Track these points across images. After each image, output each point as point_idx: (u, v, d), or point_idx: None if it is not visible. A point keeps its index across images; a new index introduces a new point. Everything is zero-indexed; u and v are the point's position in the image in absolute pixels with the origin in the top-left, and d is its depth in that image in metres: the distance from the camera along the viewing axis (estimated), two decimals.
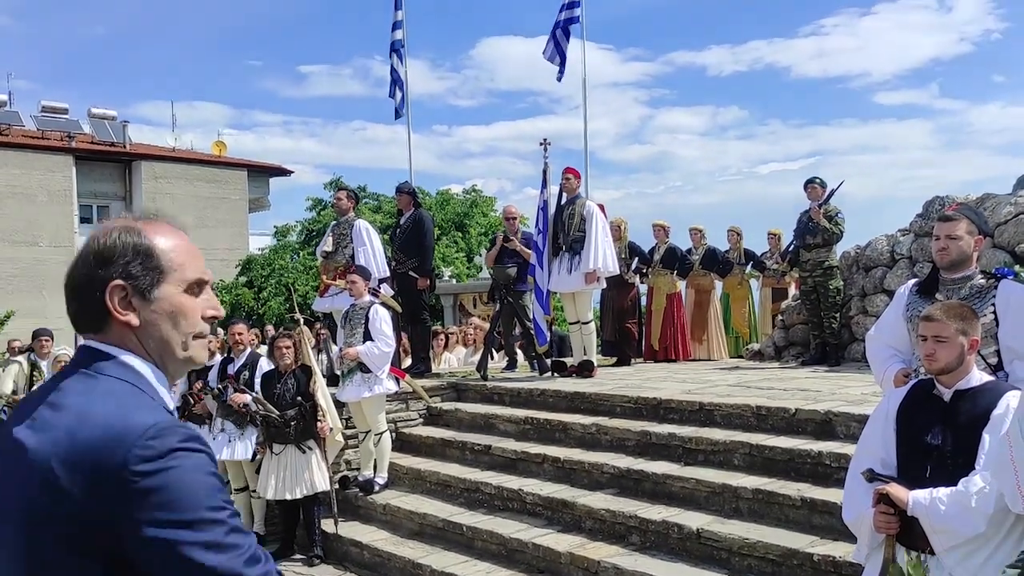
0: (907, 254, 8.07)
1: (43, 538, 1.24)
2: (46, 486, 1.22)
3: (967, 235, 3.40)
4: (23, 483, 1.25)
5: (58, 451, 1.23)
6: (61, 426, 1.26)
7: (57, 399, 1.31)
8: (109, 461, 1.21)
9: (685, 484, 5.33)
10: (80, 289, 1.36)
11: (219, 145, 32.00)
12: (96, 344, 1.36)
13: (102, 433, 1.23)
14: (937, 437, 2.85)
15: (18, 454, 1.27)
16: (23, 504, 1.25)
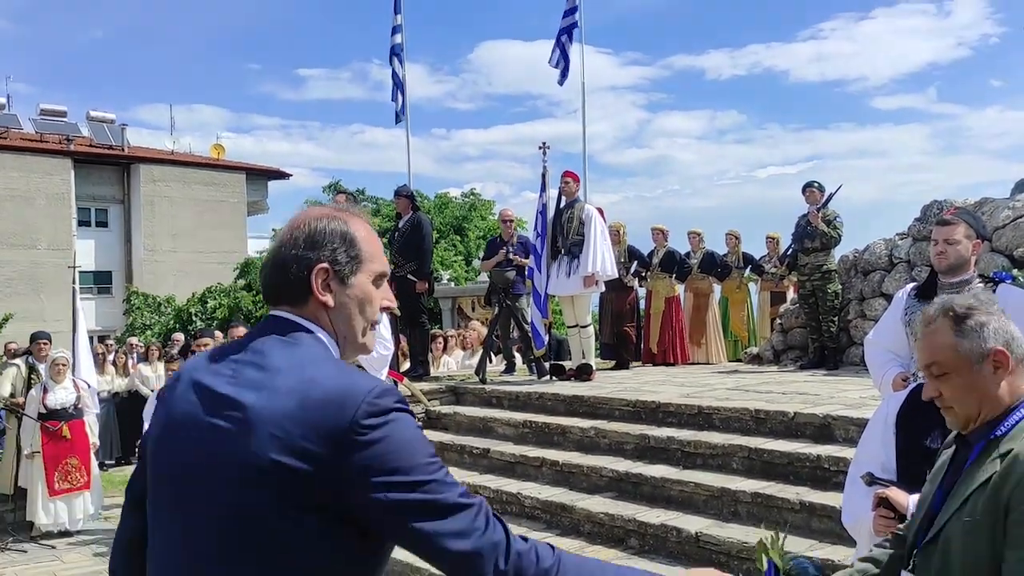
0: (905, 258, 8.09)
1: (260, 493, 1.29)
2: (273, 441, 1.29)
3: (965, 239, 3.40)
4: (238, 438, 1.32)
5: (286, 409, 1.31)
6: (282, 387, 1.34)
7: (263, 361, 1.39)
8: (340, 417, 1.30)
9: (684, 487, 5.33)
10: (287, 266, 1.46)
11: (217, 148, 32.02)
12: (292, 316, 1.46)
13: (332, 393, 1.32)
14: (937, 441, 2.84)
15: (232, 410, 1.34)
16: (238, 458, 1.31)
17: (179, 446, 1.41)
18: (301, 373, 1.36)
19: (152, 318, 24.46)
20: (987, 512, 1.69)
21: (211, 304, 22.70)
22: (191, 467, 1.37)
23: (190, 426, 1.40)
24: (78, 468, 7.89)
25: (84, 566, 6.80)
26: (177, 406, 1.44)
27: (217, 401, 1.38)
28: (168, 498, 1.42)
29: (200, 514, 1.35)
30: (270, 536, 1.31)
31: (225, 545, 1.33)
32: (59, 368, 7.92)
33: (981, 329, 1.79)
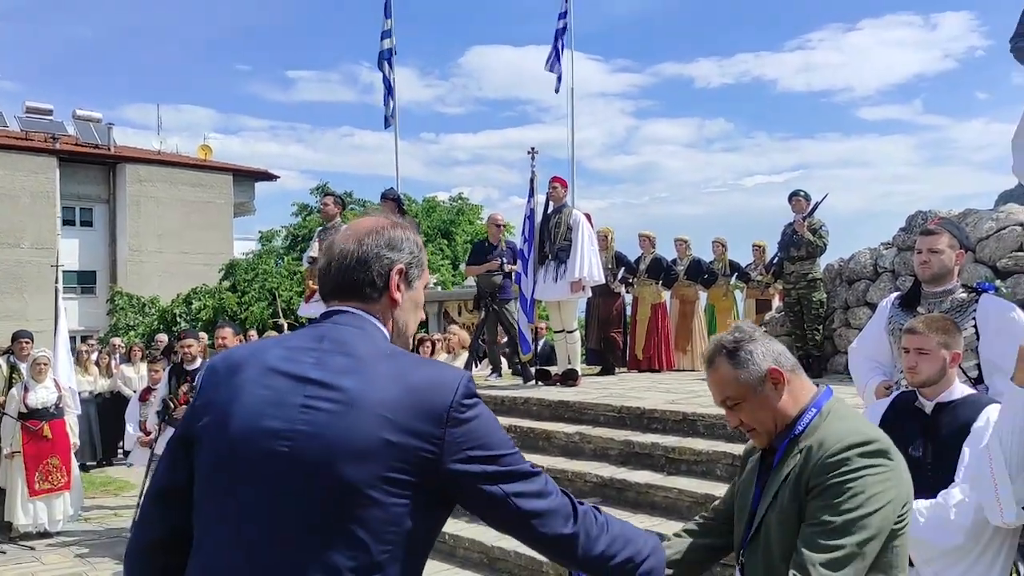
0: (890, 267, 8.14)
1: (366, 468, 1.42)
2: (382, 421, 1.44)
3: (949, 249, 3.44)
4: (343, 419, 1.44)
5: (391, 393, 1.47)
6: (380, 373, 1.49)
7: (348, 350, 1.53)
8: (442, 399, 1.49)
9: (668, 494, 5.34)
10: (369, 263, 1.62)
11: (205, 149, 31.89)
12: (363, 313, 1.61)
13: (432, 379, 1.51)
14: (918, 449, 2.87)
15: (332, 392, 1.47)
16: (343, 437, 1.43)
17: (261, 427, 1.47)
18: (391, 362, 1.53)
19: (136, 319, 24.32)
20: (792, 500, 1.91)
21: (196, 305, 22.60)
22: (278, 446, 1.45)
23: (280, 410, 1.48)
24: (59, 468, 7.82)
25: (64, 567, 6.73)
26: (257, 393, 1.50)
27: (310, 385, 1.49)
28: (243, 478, 1.46)
29: (290, 490, 1.43)
30: (368, 508, 1.42)
31: (321, 517, 1.42)
32: (40, 367, 7.85)
33: (751, 356, 1.98)
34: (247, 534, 1.45)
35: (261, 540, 1.45)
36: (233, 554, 1.46)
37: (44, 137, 27.78)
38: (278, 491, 1.45)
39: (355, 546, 1.43)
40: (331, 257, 1.65)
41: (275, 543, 1.44)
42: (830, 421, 1.97)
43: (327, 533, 1.43)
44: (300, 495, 1.44)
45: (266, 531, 1.44)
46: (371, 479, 1.42)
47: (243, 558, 1.45)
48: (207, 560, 1.49)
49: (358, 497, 1.42)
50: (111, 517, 8.58)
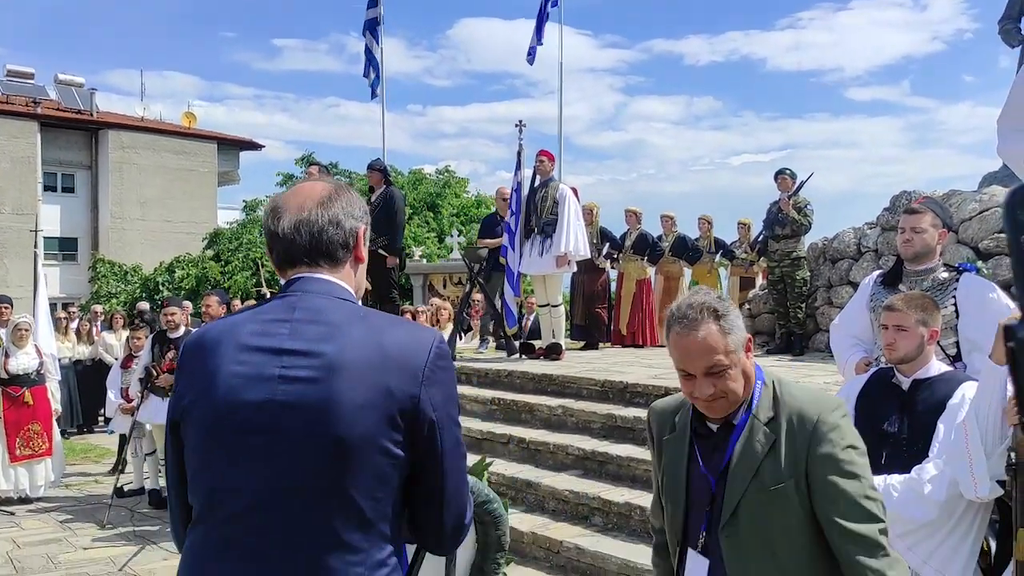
0: (873, 247, 8.19)
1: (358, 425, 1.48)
2: (363, 381, 1.50)
3: (931, 228, 3.46)
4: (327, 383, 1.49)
5: (368, 355, 1.52)
6: (355, 337, 1.54)
7: (320, 318, 1.56)
8: (418, 357, 1.55)
9: (649, 467, 5.38)
10: (340, 221, 1.65)
11: (189, 116, 31.54)
12: (327, 276, 1.63)
13: (407, 339, 1.57)
14: (894, 424, 2.91)
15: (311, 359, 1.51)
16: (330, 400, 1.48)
17: (250, 402, 1.51)
18: (363, 324, 1.57)
19: (118, 286, 24.15)
20: (786, 474, 1.83)
21: (179, 274, 22.47)
22: (271, 419, 1.50)
23: (257, 384, 1.52)
24: (40, 434, 7.80)
25: (44, 532, 6.74)
26: (232, 369, 1.54)
27: (285, 354, 1.53)
28: (248, 452, 1.51)
29: (279, 458, 1.49)
30: (357, 467, 1.48)
31: (313, 480, 1.48)
32: (21, 333, 7.80)
33: (736, 320, 1.89)
34: (243, 504, 1.51)
35: (258, 507, 1.50)
36: (233, 526, 1.52)
37: (25, 101, 27.37)
38: (268, 461, 1.49)
39: (348, 506, 1.49)
40: (296, 221, 1.63)
41: (271, 508, 1.50)
42: (786, 390, 1.92)
43: (320, 495, 1.49)
44: (289, 462, 1.49)
45: (261, 499, 1.50)
46: (357, 439, 1.48)
47: (242, 530, 1.51)
48: (207, 531, 1.55)
49: (347, 457, 1.48)
50: (92, 484, 8.58)
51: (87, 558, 6.02)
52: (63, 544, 6.39)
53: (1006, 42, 8.37)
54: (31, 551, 6.21)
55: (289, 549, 1.49)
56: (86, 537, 6.55)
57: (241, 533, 1.51)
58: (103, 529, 6.74)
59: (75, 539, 6.51)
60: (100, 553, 6.12)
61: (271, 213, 1.67)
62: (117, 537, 6.54)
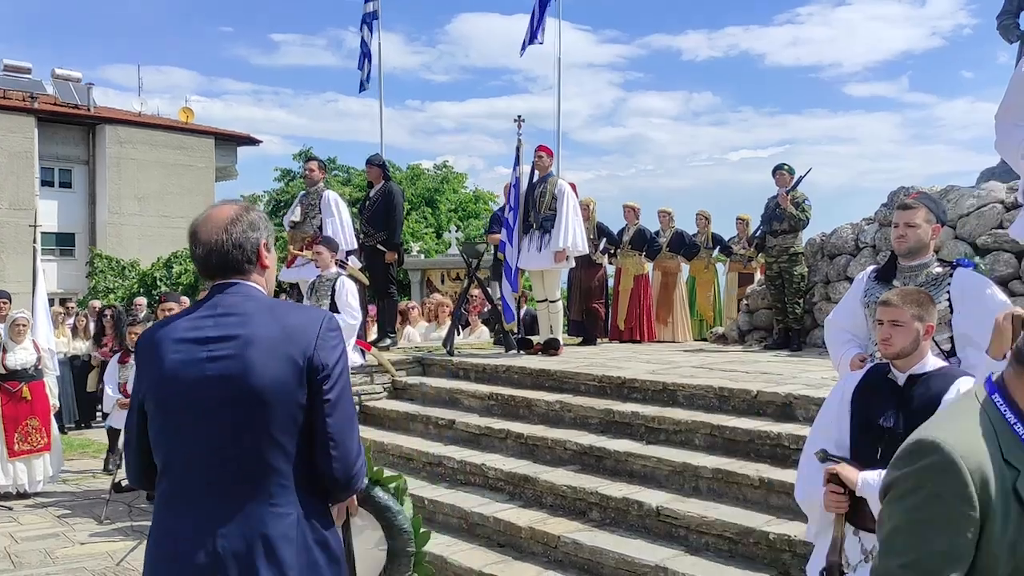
0: (871, 243, 8.20)
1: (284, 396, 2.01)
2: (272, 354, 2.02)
3: (925, 223, 3.47)
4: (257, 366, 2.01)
5: (272, 333, 2.05)
6: (261, 322, 2.06)
7: (235, 311, 2.08)
8: (311, 330, 2.08)
9: (646, 462, 5.40)
10: (242, 243, 2.13)
11: (186, 112, 31.46)
12: (240, 280, 2.14)
13: (302, 319, 2.11)
14: (890, 420, 2.92)
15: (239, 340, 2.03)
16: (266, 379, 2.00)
17: (186, 380, 2.03)
18: (269, 312, 2.10)
19: (115, 282, 24.12)
20: None
21: (176, 269, 22.43)
22: (205, 390, 2.01)
23: (190, 366, 2.03)
24: (38, 429, 7.80)
25: (42, 527, 6.75)
26: (171, 358, 2.05)
27: (209, 341, 2.04)
28: (197, 422, 2.03)
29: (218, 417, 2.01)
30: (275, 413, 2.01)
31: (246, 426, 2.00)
32: (19, 328, 7.80)
33: None
34: (199, 455, 2.03)
35: (211, 456, 2.02)
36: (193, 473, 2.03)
37: (22, 96, 27.29)
38: (205, 426, 2.02)
39: (272, 441, 2.02)
40: (208, 247, 2.13)
41: (223, 462, 2.01)
42: None
43: (253, 438, 2.01)
44: (226, 418, 2.01)
45: (213, 456, 2.02)
46: (270, 392, 2.01)
47: (216, 482, 2.01)
48: (174, 478, 2.07)
49: (266, 405, 2.01)
50: (89, 479, 8.59)
51: (85, 553, 6.03)
52: (61, 539, 6.40)
53: (1004, 37, 8.38)
54: (29, 546, 6.22)
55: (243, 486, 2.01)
56: (84, 532, 6.56)
57: (188, 484, 2.04)
58: (101, 524, 6.74)
59: (73, 534, 6.52)
60: (98, 548, 6.13)
61: (190, 238, 2.17)
62: (115, 532, 6.55)
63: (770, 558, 4.33)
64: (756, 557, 4.39)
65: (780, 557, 4.29)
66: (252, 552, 1.97)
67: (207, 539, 1.98)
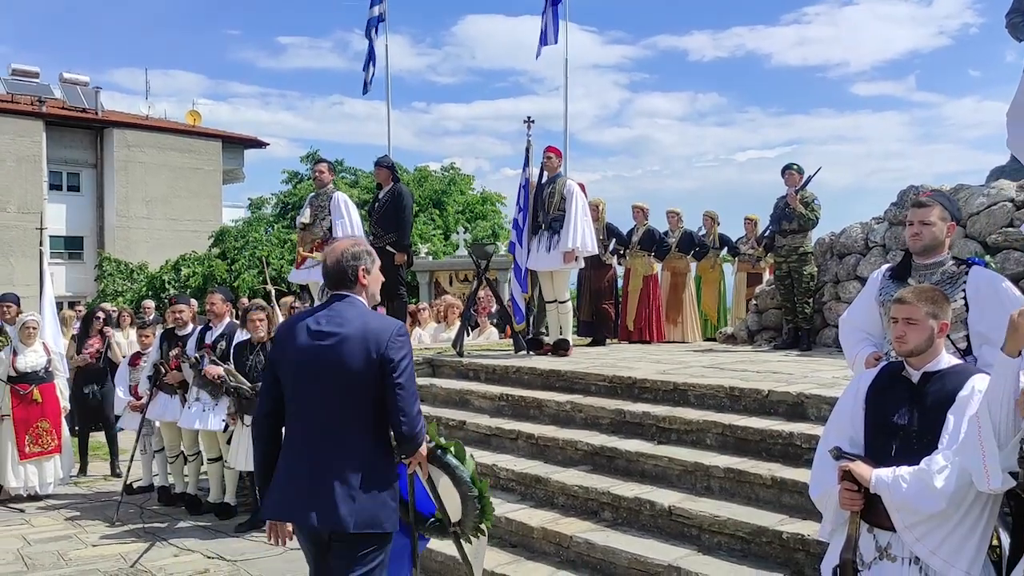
0: (881, 242, 8.17)
1: (368, 378, 3.00)
2: (357, 348, 3.00)
3: (940, 221, 3.46)
4: (350, 352, 3.00)
5: (358, 333, 3.03)
6: (355, 323, 3.06)
7: (339, 315, 3.10)
8: (386, 332, 3.04)
9: (658, 462, 5.39)
10: (346, 269, 3.16)
11: (193, 115, 31.58)
12: (349, 293, 3.16)
13: (380, 324, 3.08)
14: (904, 417, 2.91)
15: (338, 337, 3.03)
16: (356, 362, 2.99)
17: (310, 359, 3.05)
18: (361, 318, 3.10)
19: (124, 285, 24.21)
20: None
21: (184, 272, 22.50)
22: (318, 368, 3.03)
23: (313, 349, 3.06)
24: (49, 432, 7.83)
25: (54, 529, 6.77)
26: (301, 339, 3.09)
27: (322, 333, 3.07)
28: (307, 386, 3.06)
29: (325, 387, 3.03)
30: (362, 389, 3.01)
31: (343, 396, 3.02)
32: (29, 331, 7.83)
33: None
34: (312, 417, 3.06)
35: (317, 412, 3.05)
36: (306, 430, 3.07)
37: (30, 100, 27.43)
38: (320, 388, 3.04)
39: (353, 406, 3.03)
40: (328, 269, 3.20)
41: (323, 412, 3.04)
42: None
43: (346, 404, 3.03)
44: (329, 388, 3.03)
45: (318, 408, 3.05)
46: (354, 375, 3.01)
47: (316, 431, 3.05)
48: (292, 422, 3.13)
49: (356, 384, 3.01)
50: (100, 481, 8.62)
51: (97, 555, 6.05)
52: (73, 541, 6.42)
53: (1013, 36, 8.35)
54: (41, 548, 6.24)
55: (333, 436, 3.03)
56: (95, 534, 6.58)
57: (304, 427, 3.08)
58: (113, 526, 6.77)
59: (85, 536, 6.54)
60: (110, 550, 6.15)
61: (323, 260, 3.30)
62: (127, 534, 6.57)
63: (783, 557, 4.33)
64: (769, 556, 4.38)
65: (793, 556, 4.29)
66: (335, 477, 2.98)
67: (309, 464, 3.03)
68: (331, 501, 2.94)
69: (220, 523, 6.79)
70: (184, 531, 6.63)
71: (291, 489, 3.02)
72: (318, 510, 2.95)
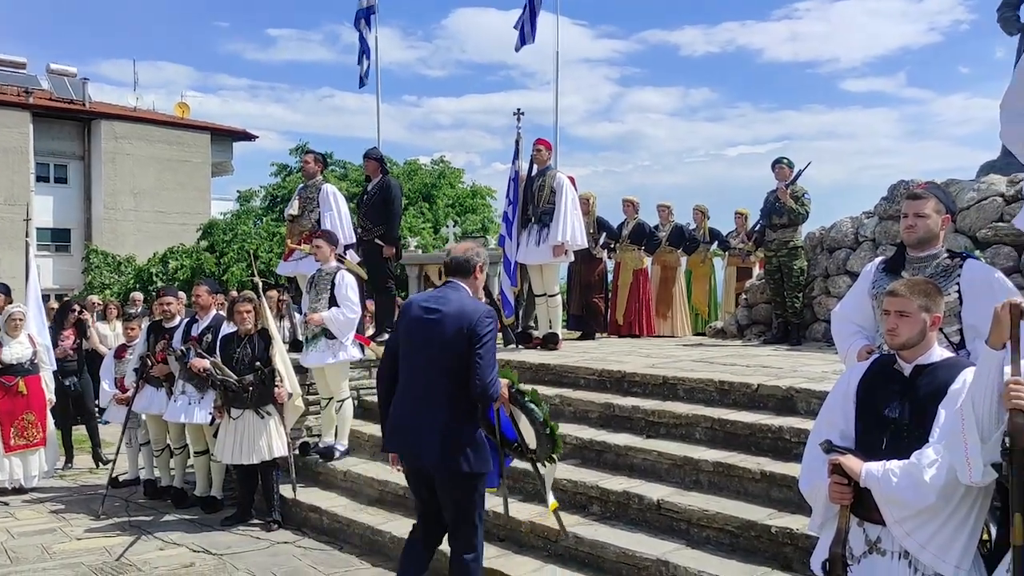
0: (871, 236, 8.17)
1: (458, 344, 3.82)
2: (456, 324, 3.84)
3: (935, 213, 3.43)
4: (449, 326, 3.85)
5: (456, 312, 3.87)
6: (455, 304, 3.91)
7: (446, 297, 3.97)
8: (476, 313, 3.88)
9: (647, 456, 5.37)
10: (468, 261, 4.04)
11: (182, 107, 31.38)
12: (459, 281, 4.03)
13: (473, 306, 3.93)
14: (895, 410, 2.89)
15: (441, 313, 3.90)
16: (451, 334, 3.83)
17: (419, 330, 3.92)
18: (460, 301, 3.93)
19: (111, 277, 24.04)
20: None
21: (173, 264, 22.35)
22: (425, 337, 3.89)
23: (422, 322, 3.92)
24: (34, 424, 7.74)
25: (38, 523, 6.70)
26: (415, 314, 3.95)
27: (430, 309, 3.93)
28: (415, 354, 3.93)
29: (434, 362, 3.86)
30: (457, 360, 3.81)
31: (445, 364, 3.84)
32: (15, 323, 7.74)
33: None
34: (418, 375, 3.92)
35: (424, 376, 3.89)
36: (413, 385, 3.93)
37: (17, 91, 27.16)
38: (424, 353, 3.88)
39: (449, 368, 3.84)
40: (453, 257, 4.08)
41: (425, 372, 3.89)
42: None
43: (443, 366, 3.84)
44: (434, 357, 3.85)
45: (422, 368, 3.90)
46: (456, 347, 3.81)
47: (420, 385, 3.90)
48: (402, 385, 3.97)
49: (453, 355, 3.81)
50: (86, 474, 8.54)
51: (82, 548, 5.99)
52: (58, 534, 6.35)
53: (1005, 30, 8.35)
54: (26, 541, 6.17)
55: (432, 391, 3.86)
56: (80, 527, 6.52)
57: (413, 382, 3.94)
58: (98, 519, 6.70)
59: (70, 529, 6.48)
60: (95, 543, 6.09)
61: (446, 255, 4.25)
62: (112, 527, 6.51)
63: (772, 551, 4.31)
64: (758, 550, 4.37)
65: (782, 550, 4.27)
66: (436, 421, 3.85)
67: (414, 415, 3.91)
68: (425, 442, 3.85)
69: (206, 517, 6.74)
70: (170, 524, 6.57)
71: (399, 432, 3.98)
72: (418, 451, 3.92)
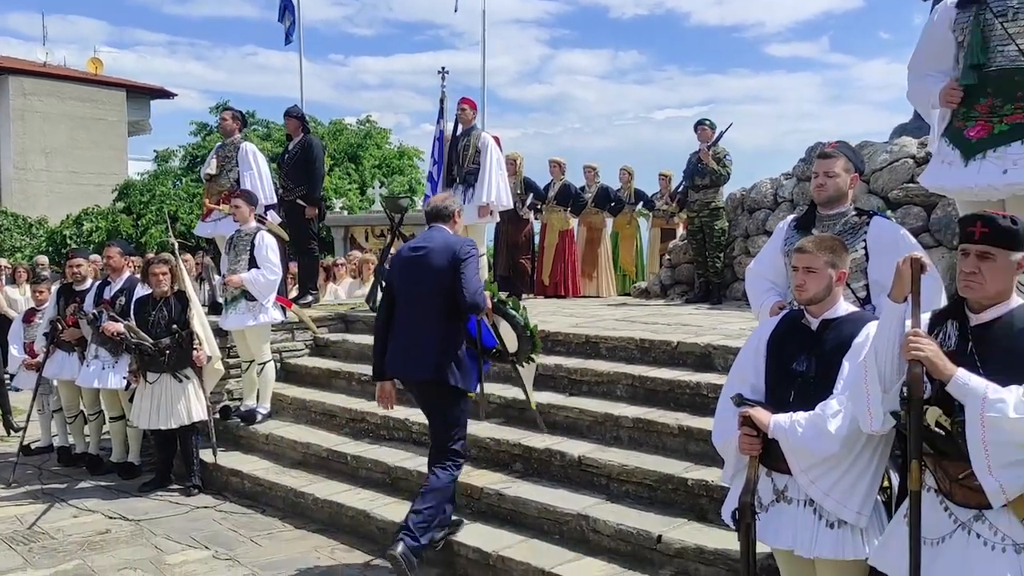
0: (789, 197, 8.34)
1: (447, 276, 4.40)
2: (442, 257, 4.43)
3: (844, 172, 3.51)
4: (435, 257, 4.45)
5: (441, 247, 4.48)
6: (440, 241, 4.52)
7: (428, 237, 4.57)
8: (459, 243, 4.53)
9: (569, 414, 5.44)
10: (445, 210, 4.66)
11: (95, 63, 30.01)
12: (443, 225, 4.63)
13: (456, 240, 4.57)
14: (803, 364, 2.97)
15: (427, 249, 4.50)
16: (439, 263, 4.42)
17: (411, 265, 4.53)
18: (443, 237, 4.57)
19: (22, 240, 23.03)
20: None
21: (87, 227, 21.52)
22: (416, 273, 4.49)
23: (413, 259, 4.54)
24: None
25: None
26: (405, 255, 4.62)
27: (418, 247, 4.57)
28: (408, 287, 4.53)
29: (425, 290, 4.45)
30: (448, 285, 4.39)
31: (435, 290, 4.43)
32: None
33: None
34: (414, 302, 4.50)
35: (413, 301, 4.51)
36: (411, 311, 4.51)
37: None
38: (415, 284, 4.50)
39: (440, 292, 4.42)
40: (432, 206, 4.68)
41: (417, 300, 4.49)
42: None
43: (433, 293, 4.43)
44: (421, 283, 4.47)
45: (414, 298, 4.50)
46: (446, 273, 4.39)
47: (417, 310, 4.48)
48: (400, 314, 4.55)
49: (444, 281, 4.39)
50: None
51: None
52: None
53: None
54: None
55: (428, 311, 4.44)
56: None
57: (408, 312, 4.51)
58: (9, 488, 6.48)
59: None
60: (7, 511, 5.90)
61: (425, 206, 5.13)
62: (24, 495, 6.30)
63: (688, 503, 4.43)
64: (675, 503, 4.48)
65: (698, 502, 4.39)
66: (430, 341, 4.41)
67: (412, 335, 4.46)
68: (421, 359, 4.41)
69: (123, 483, 6.58)
70: (85, 492, 6.40)
71: (397, 354, 4.52)
72: (414, 365, 4.46)
